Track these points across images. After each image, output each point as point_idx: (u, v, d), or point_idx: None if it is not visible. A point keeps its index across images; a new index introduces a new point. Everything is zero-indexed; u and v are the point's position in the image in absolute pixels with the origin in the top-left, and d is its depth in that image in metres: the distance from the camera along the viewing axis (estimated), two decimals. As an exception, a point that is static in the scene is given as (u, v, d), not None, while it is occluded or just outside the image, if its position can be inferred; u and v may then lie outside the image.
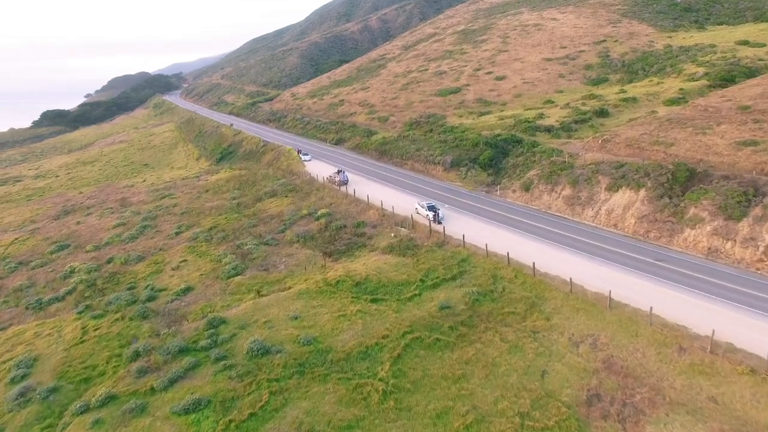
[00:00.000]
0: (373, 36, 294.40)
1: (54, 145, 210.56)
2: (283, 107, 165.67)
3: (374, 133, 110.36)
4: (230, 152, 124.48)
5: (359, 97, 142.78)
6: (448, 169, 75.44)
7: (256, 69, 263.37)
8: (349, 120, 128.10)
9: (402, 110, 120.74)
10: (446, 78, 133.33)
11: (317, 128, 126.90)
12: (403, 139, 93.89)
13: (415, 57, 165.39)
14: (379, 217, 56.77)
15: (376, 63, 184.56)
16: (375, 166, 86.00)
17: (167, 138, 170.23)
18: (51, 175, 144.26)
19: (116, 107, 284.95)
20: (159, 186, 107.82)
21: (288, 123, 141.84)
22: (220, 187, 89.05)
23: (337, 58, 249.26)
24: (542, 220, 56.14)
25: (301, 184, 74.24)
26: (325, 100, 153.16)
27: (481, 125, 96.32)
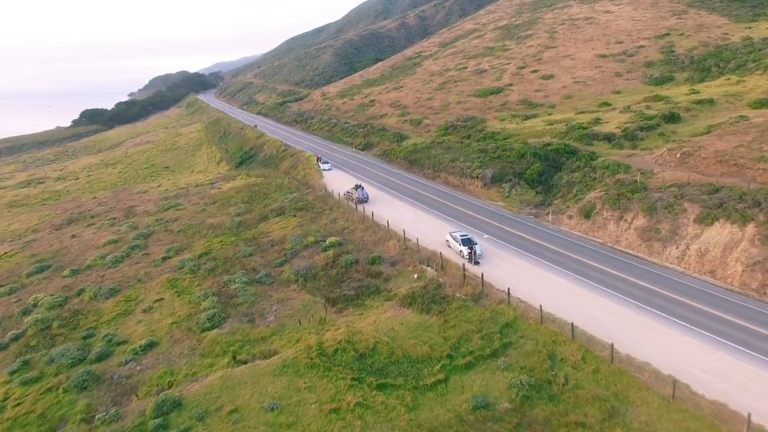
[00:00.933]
0: (410, 33, 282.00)
1: (86, 145, 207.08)
2: (311, 107, 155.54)
3: (405, 138, 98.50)
4: (250, 156, 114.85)
5: (391, 97, 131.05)
6: (489, 185, 62.77)
7: (289, 67, 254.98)
8: (378, 122, 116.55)
9: (437, 112, 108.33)
10: (487, 77, 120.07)
11: (344, 131, 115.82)
12: (437, 147, 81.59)
13: (453, 54, 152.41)
14: (401, 251, 44.81)
15: (412, 61, 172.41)
16: (403, 178, 74.08)
17: (193, 139, 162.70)
18: (72, 177, 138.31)
19: (152, 106, 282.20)
20: (171, 193, 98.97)
21: (314, 125, 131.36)
22: (229, 199, 78.92)
23: (372, 57, 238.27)
24: (610, 260, 43.01)
25: (314, 200, 62.96)
26: (355, 101, 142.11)
27: (527, 131, 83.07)
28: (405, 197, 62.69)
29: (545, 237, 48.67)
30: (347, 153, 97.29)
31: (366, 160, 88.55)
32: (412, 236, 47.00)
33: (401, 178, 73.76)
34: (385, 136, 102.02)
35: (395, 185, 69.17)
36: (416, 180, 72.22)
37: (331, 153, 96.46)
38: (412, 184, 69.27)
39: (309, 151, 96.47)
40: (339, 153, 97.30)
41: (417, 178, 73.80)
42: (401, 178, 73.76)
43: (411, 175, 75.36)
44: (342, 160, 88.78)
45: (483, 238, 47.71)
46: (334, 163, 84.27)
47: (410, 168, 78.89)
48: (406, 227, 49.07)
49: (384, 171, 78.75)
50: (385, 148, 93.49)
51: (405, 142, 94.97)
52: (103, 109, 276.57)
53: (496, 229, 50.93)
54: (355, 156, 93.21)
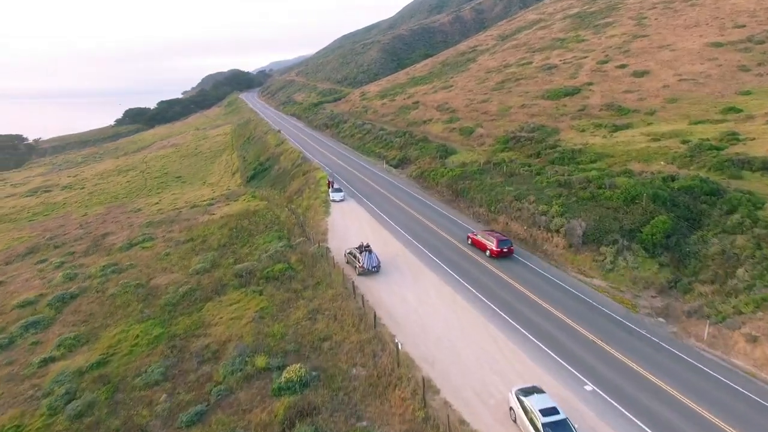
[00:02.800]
0: (464, 28, 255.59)
1: (118, 146, 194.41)
2: (346, 109, 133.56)
3: (451, 153, 74.59)
4: (265, 169, 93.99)
5: (438, 98, 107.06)
6: (578, 247, 38.15)
7: (333, 65, 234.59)
8: (420, 130, 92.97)
9: (494, 119, 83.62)
10: (558, 74, 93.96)
11: (377, 140, 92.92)
12: (494, 171, 57.42)
13: (513, 48, 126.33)
14: (417, 420, 21.63)
15: (465, 56, 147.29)
16: (443, 218, 50.32)
17: (217, 143, 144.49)
18: (79, 186, 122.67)
19: (194, 105, 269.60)
20: (160, 216, 79.67)
21: (345, 130, 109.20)
22: (208, 236, 57.90)
23: (423, 53, 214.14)
24: None
25: (299, 261, 40.17)
26: (397, 102, 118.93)
27: (622, 149, 57.50)
28: (442, 263, 38.82)
29: (703, 392, 23.89)
30: (375, 171, 74.21)
31: (397, 184, 65.15)
32: (452, 379, 23.57)
33: (440, 220, 50.01)
34: (426, 149, 78.35)
35: (430, 235, 45.56)
36: (462, 224, 48.31)
37: (355, 171, 73.71)
38: (457, 234, 45.47)
39: (325, 168, 74.27)
40: (365, 170, 74.43)
41: (463, 219, 49.84)
42: (440, 220, 50.01)
43: (455, 214, 51.44)
44: (364, 184, 65.76)
45: (586, 389, 23.68)
46: (353, 190, 61.42)
47: (454, 201, 54.97)
48: (434, 344, 25.67)
49: (417, 204, 55.20)
50: (424, 167, 69.82)
51: (451, 160, 71.13)
52: (146, 108, 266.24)
53: (603, 359, 26.55)
54: (384, 177, 70.01)
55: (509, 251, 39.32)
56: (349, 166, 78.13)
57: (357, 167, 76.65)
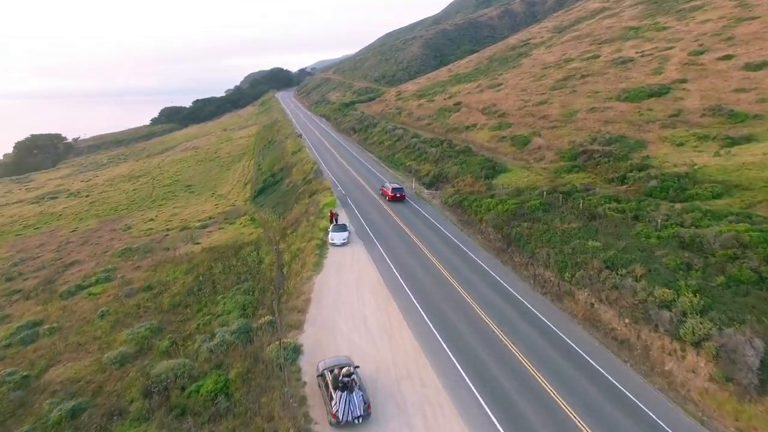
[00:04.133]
0: (514, 22, 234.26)
1: (144, 147, 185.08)
2: (379, 111, 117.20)
3: (501, 171, 57.08)
4: (276, 182, 78.73)
5: (485, 98, 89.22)
6: (745, 387, 20.47)
7: (371, 62, 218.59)
8: (462, 137, 75.69)
9: (555, 125, 65.39)
10: (636, 69, 74.38)
11: (409, 149, 76.04)
12: (564, 207, 39.57)
13: (575, 39, 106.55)
14: None
15: (516, 51, 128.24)
16: (487, 284, 32.95)
17: (239, 146, 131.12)
18: (86, 192, 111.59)
19: (230, 104, 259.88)
20: (146, 238, 66.42)
21: (374, 136, 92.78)
22: (172, 282, 43.10)
23: (468, 49, 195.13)
24: None
25: (236, 377, 23.33)
26: (436, 103, 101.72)
27: (756, 176, 38.61)
28: (491, 400, 21.75)
29: None
30: (404, 190, 57.40)
31: (426, 215, 47.89)
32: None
33: (483, 283, 32.72)
34: (468, 163, 61.03)
35: (469, 320, 28.33)
36: (518, 297, 30.83)
37: (374, 193, 57.09)
38: (509, 321, 28.05)
39: (336, 188, 58.11)
40: (392, 186, 57.81)
41: (517, 287, 32.35)
42: (483, 283, 32.72)
43: (505, 276, 34.02)
44: (382, 214, 48.80)
45: None
46: (364, 223, 44.64)
47: (506, 251, 37.37)
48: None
49: (453, 254, 37.87)
50: (465, 189, 52.51)
51: (500, 181, 53.72)
52: (181, 107, 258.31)
53: None
54: (411, 204, 53.04)
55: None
56: (368, 184, 61.55)
57: (379, 186, 60.04)
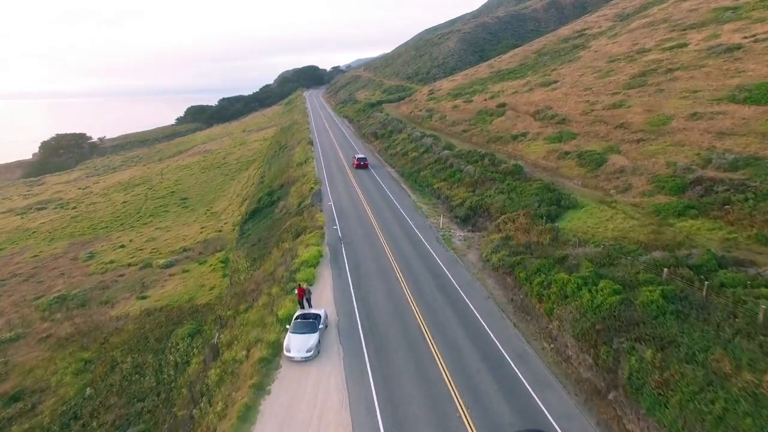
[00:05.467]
0: (562, 14, 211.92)
1: (161, 149, 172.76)
2: (407, 112, 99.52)
3: (568, 207, 38.82)
4: (271, 203, 62.10)
5: (536, 99, 70.52)
6: None
7: (404, 58, 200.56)
8: (508, 151, 57.55)
9: (642, 137, 46.42)
10: (751, 58, 54.27)
11: (439, 164, 58.09)
12: (709, 314, 21.20)
13: (647, 27, 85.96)
14: None
15: (570, 42, 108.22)
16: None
17: (250, 151, 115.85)
18: (73, 204, 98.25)
19: (257, 102, 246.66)
20: (98, 277, 51.46)
21: (396, 144, 75.08)
22: (52, 390, 27.14)
23: (511, 43, 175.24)
24: None
25: None
26: (474, 104, 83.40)
27: None
28: None
29: None
30: (421, 236, 39.53)
31: (460, 291, 29.44)
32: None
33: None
34: (521, 192, 42.95)
35: None
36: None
37: (382, 235, 39.35)
38: None
39: (334, 226, 40.81)
40: (403, 234, 40.07)
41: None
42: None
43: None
44: (387, 285, 30.88)
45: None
46: (355, 308, 27.20)
47: (605, 396, 19.48)
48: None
49: (499, 394, 20.53)
50: (518, 238, 34.41)
51: (569, 224, 35.75)
52: (207, 106, 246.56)
53: None
54: (434, 259, 35.13)
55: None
56: (377, 217, 43.95)
57: (391, 223, 42.39)
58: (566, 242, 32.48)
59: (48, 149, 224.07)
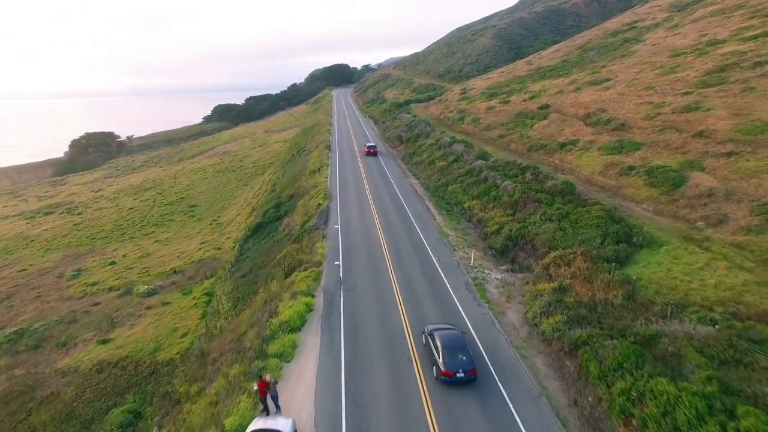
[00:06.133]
0: (604, 9, 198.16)
1: (183, 149, 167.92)
2: (436, 113, 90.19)
3: (643, 245, 28.99)
4: (277, 218, 53.89)
5: (585, 99, 60.33)
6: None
7: (435, 56, 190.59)
8: (554, 162, 47.86)
9: (733, 149, 35.89)
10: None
11: (471, 177, 48.69)
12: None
13: (717, 15, 74.28)
14: None
15: (619, 36, 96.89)
16: None
17: (269, 153, 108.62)
18: (82, 208, 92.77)
19: (285, 101, 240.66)
20: (80, 299, 44.57)
21: (423, 150, 65.81)
22: None
23: (550, 39, 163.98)
24: None
25: None
26: (512, 105, 73.57)
27: None
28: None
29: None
30: (444, 277, 30.62)
31: (488, 364, 21.19)
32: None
33: None
34: (575, 220, 33.45)
35: None
36: None
37: (391, 274, 30.72)
38: None
39: (335, 262, 32.06)
40: (420, 272, 31.22)
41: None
42: None
43: None
44: (392, 365, 22.70)
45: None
46: (342, 406, 18.81)
47: None
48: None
49: None
50: (576, 289, 25.22)
51: (644, 270, 26.24)
52: (234, 105, 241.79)
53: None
54: (467, 303, 26.44)
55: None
56: (393, 248, 34.90)
57: (408, 257, 33.33)
58: (649, 305, 22.96)
59: (78, 148, 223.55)
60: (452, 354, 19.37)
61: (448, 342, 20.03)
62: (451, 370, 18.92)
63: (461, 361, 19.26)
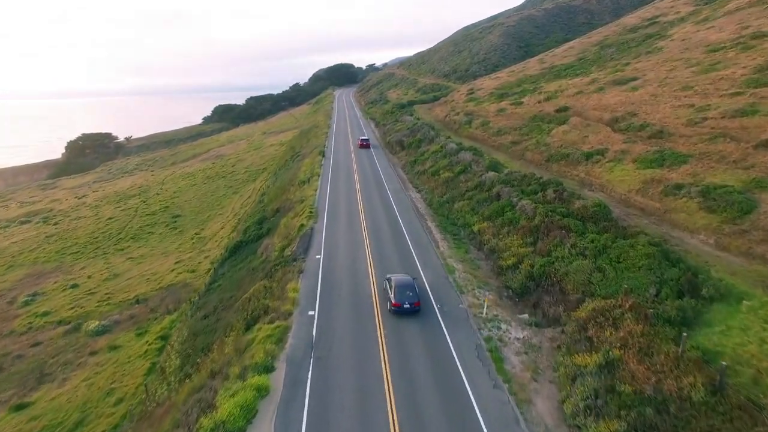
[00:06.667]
0: (617, 6, 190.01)
1: (178, 152, 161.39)
2: (441, 116, 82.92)
3: (712, 297, 21.37)
4: (258, 236, 46.71)
5: (610, 101, 52.79)
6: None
7: (441, 54, 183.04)
8: (578, 174, 40.35)
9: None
10: None
11: (480, 192, 41.36)
12: None
13: (756, 6, 66.40)
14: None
15: (640, 32, 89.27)
16: None
17: (264, 158, 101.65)
18: (60, 216, 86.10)
19: (287, 102, 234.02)
20: (21, 336, 37.51)
21: (426, 158, 58.43)
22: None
23: (561, 37, 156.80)
24: None
25: None
26: (525, 107, 66.15)
27: None
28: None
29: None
30: (460, 331, 23.42)
31: None
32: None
33: None
34: (620, 260, 25.93)
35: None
36: None
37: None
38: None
39: (309, 312, 24.81)
40: (427, 330, 24.08)
41: None
42: None
43: None
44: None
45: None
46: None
47: None
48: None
49: None
50: (631, 367, 17.95)
51: (723, 340, 18.50)
52: (234, 105, 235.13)
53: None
54: (480, 383, 19.50)
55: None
56: (382, 288, 27.88)
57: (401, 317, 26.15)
58: (751, 408, 15.62)
59: (74, 149, 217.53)
60: (402, 291, 24.46)
61: (400, 282, 25.07)
62: (400, 302, 24.14)
63: (408, 296, 24.36)
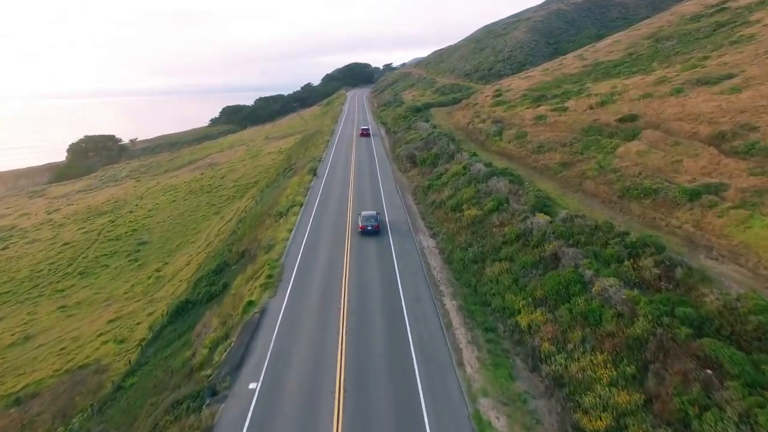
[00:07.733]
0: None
1: (179, 156, 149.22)
2: (463, 123, 68.17)
3: None
4: (210, 296, 33.02)
5: (704, 108, 37.22)
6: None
7: (461, 52, 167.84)
8: (681, 225, 25.02)
9: None
10: None
11: (527, 250, 26.71)
12: None
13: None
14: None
15: (705, 20, 73.33)
16: None
17: (258, 168, 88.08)
18: (16, 239, 73.70)
19: (298, 102, 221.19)
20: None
21: (444, 183, 43.86)
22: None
23: (593, 33, 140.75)
24: None
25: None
26: (573, 113, 50.94)
27: None
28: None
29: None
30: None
31: None
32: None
33: None
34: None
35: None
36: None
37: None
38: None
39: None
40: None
41: None
42: None
43: None
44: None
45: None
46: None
47: None
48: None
49: None
50: None
51: None
52: (243, 106, 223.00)
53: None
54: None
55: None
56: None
57: None
58: None
59: (77, 152, 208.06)
60: (367, 220, 35.46)
61: (366, 214, 36.29)
62: (364, 225, 35.21)
63: (371, 222, 35.25)
